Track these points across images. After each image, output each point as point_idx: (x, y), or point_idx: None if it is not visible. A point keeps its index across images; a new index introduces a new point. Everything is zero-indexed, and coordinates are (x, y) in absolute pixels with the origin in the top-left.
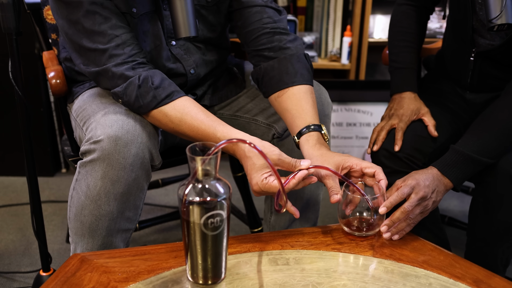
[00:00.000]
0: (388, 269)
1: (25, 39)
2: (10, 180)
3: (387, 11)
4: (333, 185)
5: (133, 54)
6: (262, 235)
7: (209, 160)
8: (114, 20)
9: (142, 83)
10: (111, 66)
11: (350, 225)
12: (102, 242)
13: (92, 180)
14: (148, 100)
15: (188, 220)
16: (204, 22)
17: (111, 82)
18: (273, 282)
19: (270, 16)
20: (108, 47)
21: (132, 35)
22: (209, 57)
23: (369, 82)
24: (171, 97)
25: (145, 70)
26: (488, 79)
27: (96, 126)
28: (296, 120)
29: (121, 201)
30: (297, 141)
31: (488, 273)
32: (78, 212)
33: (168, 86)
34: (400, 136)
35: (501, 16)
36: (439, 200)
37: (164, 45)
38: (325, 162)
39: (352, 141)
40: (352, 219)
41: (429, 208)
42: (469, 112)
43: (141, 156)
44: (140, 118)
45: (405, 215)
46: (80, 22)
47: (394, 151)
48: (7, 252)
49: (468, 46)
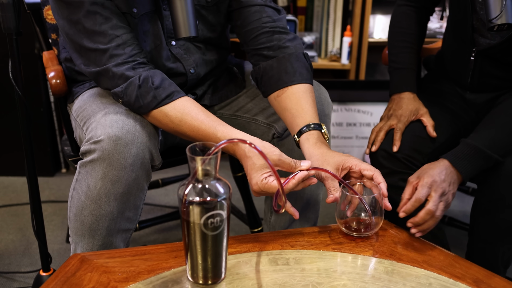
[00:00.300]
0: (388, 269)
1: (25, 39)
2: (10, 180)
3: (387, 11)
4: (332, 185)
5: (134, 54)
6: (262, 235)
7: (209, 160)
8: (114, 20)
9: (142, 83)
10: (112, 66)
11: (348, 226)
12: (102, 242)
13: (92, 180)
14: (148, 100)
15: (188, 220)
16: (204, 22)
17: (111, 82)
18: (273, 282)
19: (269, 15)
20: (109, 47)
21: (133, 35)
22: (209, 57)
23: (369, 82)
24: (171, 97)
25: (146, 70)
26: (488, 79)
27: (96, 126)
28: (296, 119)
29: (121, 201)
30: (297, 140)
31: (488, 273)
32: (78, 212)
33: (169, 86)
34: (399, 137)
35: (501, 16)
36: (455, 191)
37: (164, 45)
38: (326, 161)
39: (352, 141)
40: (350, 219)
41: (450, 201)
42: (469, 112)
43: (142, 156)
44: (140, 118)
45: (431, 215)
46: (81, 22)
47: (393, 152)
48: (7, 252)
49: (469, 45)
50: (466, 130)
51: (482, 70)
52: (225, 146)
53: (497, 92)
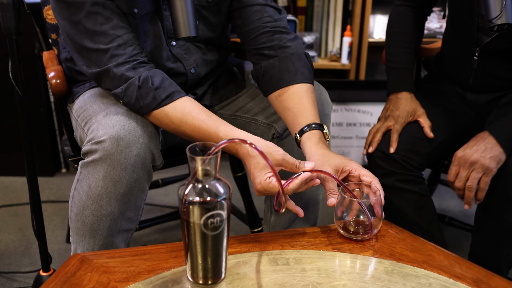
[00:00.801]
0: (388, 269)
1: (25, 39)
2: (10, 180)
3: (387, 11)
4: (332, 187)
5: (135, 54)
6: (262, 235)
7: (209, 160)
8: (115, 20)
9: (142, 84)
10: (112, 67)
11: (347, 229)
12: (103, 242)
13: (93, 180)
14: (149, 101)
15: (188, 220)
16: (204, 22)
17: (112, 83)
18: (273, 282)
19: (270, 15)
20: (110, 47)
21: (134, 35)
22: (210, 57)
23: (369, 82)
24: (172, 97)
25: (146, 70)
26: (491, 79)
27: (98, 127)
28: (297, 118)
29: (122, 202)
30: (298, 139)
31: (488, 273)
32: (79, 212)
33: (169, 86)
34: (396, 138)
35: (501, 16)
36: (493, 155)
37: (164, 45)
38: (326, 162)
39: (352, 141)
40: (348, 223)
41: (486, 165)
42: (469, 113)
43: (143, 157)
44: (141, 118)
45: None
46: (82, 23)
47: (390, 153)
48: (7, 252)
49: (472, 45)
50: (465, 130)
51: (485, 70)
52: (227, 146)
53: (499, 92)
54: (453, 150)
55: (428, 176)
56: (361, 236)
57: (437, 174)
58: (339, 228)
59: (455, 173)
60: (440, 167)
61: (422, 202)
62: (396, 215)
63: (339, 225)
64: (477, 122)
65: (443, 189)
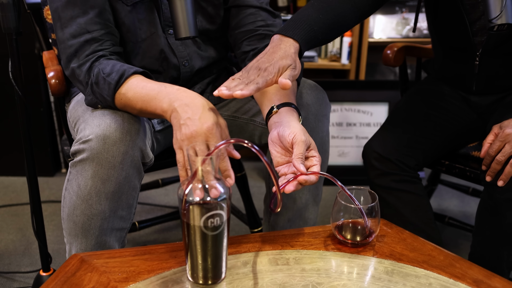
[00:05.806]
0: (388, 269)
1: (25, 39)
2: (10, 180)
3: (387, 11)
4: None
5: (99, 49)
6: (262, 235)
7: (209, 160)
8: (91, 15)
9: (97, 79)
10: (76, 67)
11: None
12: (96, 241)
13: (82, 179)
14: (106, 90)
15: (188, 220)
16: (203, 13)
17: (80, 86)
18: (273, 282)
19: (263, 19)
20: (76, 42)
21: (107, 32)
22: (205, 51)
23: (369, 82)
24: (124, 75)
25: (99, 64)
26: (495, 81)
27: (85, 127)
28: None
29: (112, 200)
30: (275, 110)
31: (488, 273)
32: (71, 212)
33: (120, 67)
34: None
35: (501, 16)
36: None
37: (160, 33)
38: (305, 133)
39: (352, 141)
40: (345, 228)
41: None
42: (470, 114)
43: (131, 154)
44: (128, 116)
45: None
46: (58, 11)
47: (385, 154)
48: (7, 252)
49: (470, 52)
50: (465, 131)
51: (488, 72)
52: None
53: (504, 93)
54: (453, 150)
55: (428, 176)
56: (359, 242)
57: (437, 174)
58: (336, 234)
59: (491, 140)
60: (440, 167)
61: (418, 202)
62: (391, 215)
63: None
64: (479, 122)
65: (443, 189)
